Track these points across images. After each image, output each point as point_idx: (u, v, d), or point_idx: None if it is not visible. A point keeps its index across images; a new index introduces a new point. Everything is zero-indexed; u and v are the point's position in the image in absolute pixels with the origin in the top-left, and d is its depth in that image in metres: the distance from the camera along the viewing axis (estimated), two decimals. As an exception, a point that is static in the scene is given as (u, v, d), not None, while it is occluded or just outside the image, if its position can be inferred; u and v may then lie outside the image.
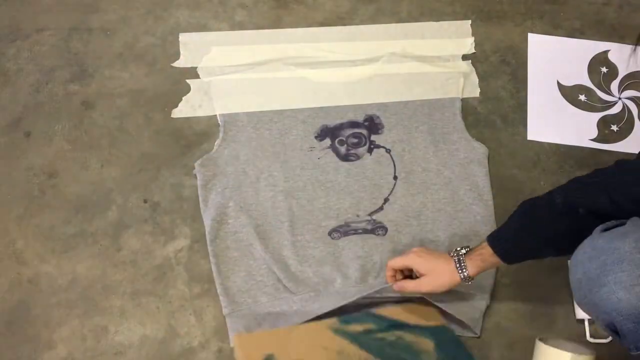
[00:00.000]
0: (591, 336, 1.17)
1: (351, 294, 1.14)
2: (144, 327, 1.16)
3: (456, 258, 1.06)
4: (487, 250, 1.03)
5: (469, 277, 1.05)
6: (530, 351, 1.12)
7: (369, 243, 1.24)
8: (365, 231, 1.25)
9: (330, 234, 1.24)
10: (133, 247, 1.23)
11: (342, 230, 1.25)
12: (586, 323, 1.17)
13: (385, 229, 1.25)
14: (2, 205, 1.26)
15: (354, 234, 1.24)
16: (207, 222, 1.23)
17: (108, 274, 1.20)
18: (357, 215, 1.26)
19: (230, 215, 1.24)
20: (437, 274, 1.07)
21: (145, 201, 1.27)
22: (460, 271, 1.05)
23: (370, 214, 1.26)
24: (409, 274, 1.12)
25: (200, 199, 1.26)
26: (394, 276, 1.12)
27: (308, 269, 1.20)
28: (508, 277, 1.23)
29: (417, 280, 1.08)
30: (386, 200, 1.28)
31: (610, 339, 1.16)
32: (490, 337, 1.18)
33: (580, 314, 1.18)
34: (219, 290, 1.18)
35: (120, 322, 1.16)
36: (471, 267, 1.05)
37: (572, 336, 1.17)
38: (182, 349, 1.14)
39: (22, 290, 1.18)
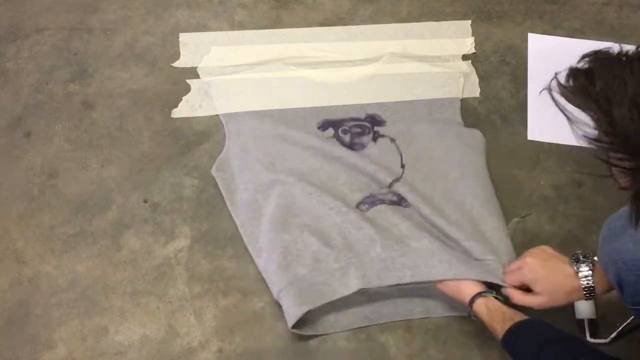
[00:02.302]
0: (591, 336, 1.17)
1: (396, 268, 1.13)
2: (144, 327, 1.16)
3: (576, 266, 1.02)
4: None
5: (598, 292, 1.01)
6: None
7: (398, 212, 1.21)
8: (392, 202, 1.23)
9: (358, 206, 1.23)
10: (133, 247, 1.23)
11: (369, 201, 1.23)
12: (586, 323, 1.17)
13: (407, 202, 1.24)
14: (2, 205, 1.26)
15: (382, 203, 1.23)
16: (243, 222, 1.21)
17: (108, 274, 1.20)
18: (380, 187, 1.25)
19: (262, 205, 1.21)
20: (556, 293, 1.05)
21: (145, 201, 1.27)
22: (585, 282, 1.01)
23: (390, 185, 1.25)
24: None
25: (228, 202, 1.24)
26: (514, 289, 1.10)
27: (348, 235, 1.18)
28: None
29: (535, 297, 1.07)
30: (397, 179, 1.27)
31: (610, 338, 1.16)
32: (491, 337, 1.18)
33: (580, 313, 1.18)
34: (266, 279, 1.16)
35: (120, 322, 1.16)
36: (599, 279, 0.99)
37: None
38: (182, 349, 1.14)
39: (22, 290, 1.18)
